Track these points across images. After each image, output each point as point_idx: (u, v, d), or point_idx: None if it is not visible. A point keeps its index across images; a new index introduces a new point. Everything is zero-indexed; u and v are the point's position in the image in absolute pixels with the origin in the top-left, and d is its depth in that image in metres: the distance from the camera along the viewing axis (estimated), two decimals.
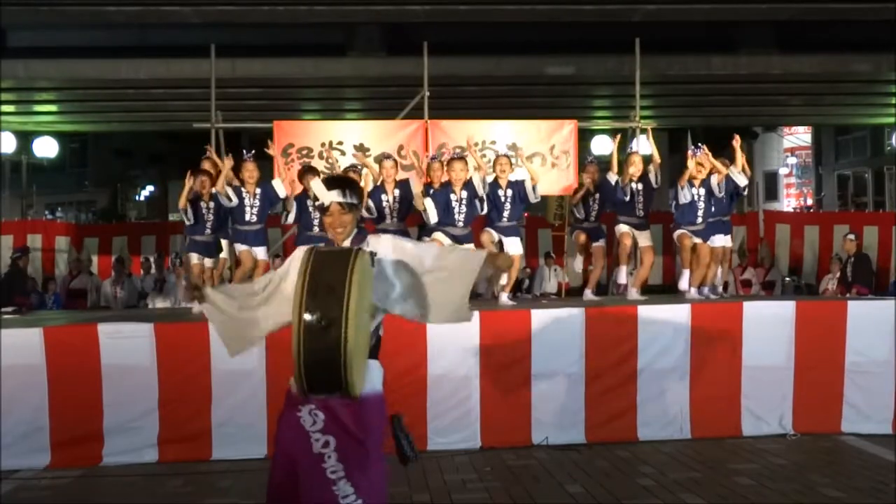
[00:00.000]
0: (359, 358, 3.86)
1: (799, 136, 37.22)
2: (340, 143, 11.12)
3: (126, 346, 7.79)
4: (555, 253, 16.23)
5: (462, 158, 9.62)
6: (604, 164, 10.74)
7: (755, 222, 18.75)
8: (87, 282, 16.73)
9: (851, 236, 14.35)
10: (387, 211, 9.60)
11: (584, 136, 11.87)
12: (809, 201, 35.95)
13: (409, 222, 10.53)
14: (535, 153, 11.21)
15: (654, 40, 14.22)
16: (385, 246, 4.31)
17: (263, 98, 19.16)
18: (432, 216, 9.32)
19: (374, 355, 4.26)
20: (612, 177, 10.24)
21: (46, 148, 25.81)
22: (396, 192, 9.64)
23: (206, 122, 12.01)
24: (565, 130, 11.44)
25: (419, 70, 11.91)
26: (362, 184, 9.46)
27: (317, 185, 4.34)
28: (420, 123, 11.30)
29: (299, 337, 3.75)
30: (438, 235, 9.34)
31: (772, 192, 36.41)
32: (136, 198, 43.90)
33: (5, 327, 7.87)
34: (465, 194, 9.37)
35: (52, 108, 21.52)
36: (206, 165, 9.92)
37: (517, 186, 9.65)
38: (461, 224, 9.41)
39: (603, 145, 22.69)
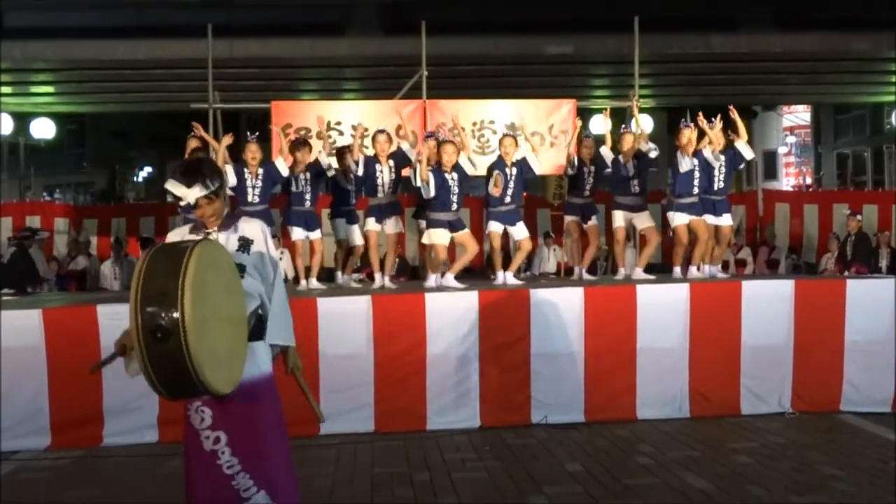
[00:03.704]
0: (212, 360, 3.60)
1: (798, 115, 37.12)
2: (339, 123, 11.11)
3: (125, 327, 7.77)
4: (554, 233, 16.22)
5: (453, 142, 9.69)
6: (600, 142, 10.72)
7: (754, 201, 18.73)
8: (85, 263, 16.73)
9: (859, 216, 14.34)
10: (380, 183, 9.65)
11: (582, 115, 11.83)
12: (808, 180, 35.90)
13: (406, 202, 10.51)
14: (534, 132, 11.19)
15: (654, 19, 14.16)
16: (255, 230, 4.31)
17: (261, 78, 19.08)
18: (433, 189, 9.34)
19: (259, 336, 4.19)
20: (607, 152, 10.25)
21: (44, 129, 25.72)
22: (391, 162, 9.70)
23: (203, 103, 11.99)
24: (564, 110, 11.45)
25: (417, 49, 11.88)
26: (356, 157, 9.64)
27: (173, 186, 4.21)
28: (418, 103, 11.29)
29: (142, 350, 3.52)
30: (438, 234, 9.41)
31: (771, 171, 36.30)
32: (135, 179, 43.86)
33: (4, 309, 7.87)
34: (455, 176, 9.43)
35: (50, 89, 21.44)
36: (193, 144, 9.85)
37: (522, 164, 9.66)
38: (455, 207, 9.49)
39: (602, 125, 22.67)
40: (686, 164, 9.66)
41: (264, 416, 4.14)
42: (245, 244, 4.26)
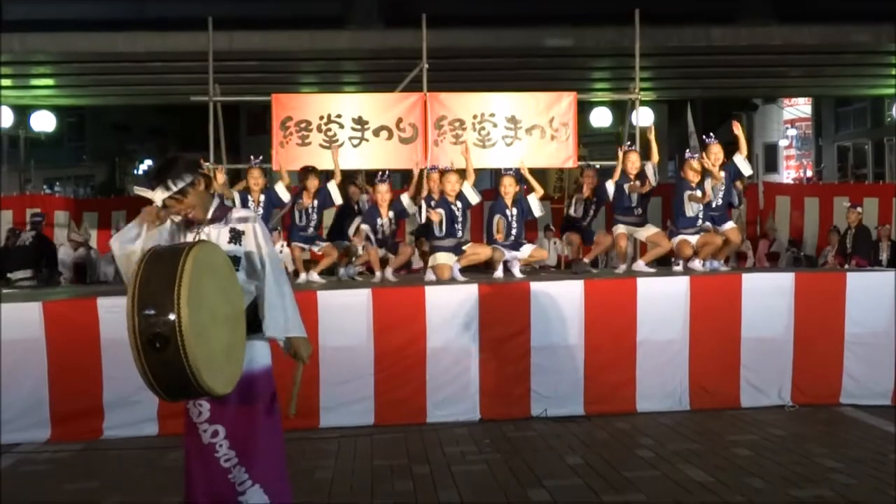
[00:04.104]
0: (210, 363, 3.60)
1: (799, 108, 37.14)
2: (339, 115, 11.10)
3: (125, 319, 7.76)
4: (554, 226, 16.20)
5: (456, 171, 9.80)
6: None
7: (754, 194, 18.70)
8: (85, 256, 16.71)
9: (859, 209, 14.32)
10: (380, 234, 9.75)
11: (583, 109, 11.85)
12: (809, 173, 35.92)
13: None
14: (535, 125, 11.21)
15: (654, 12, 14.14)
16: (247, 222, 4.26)
17: (261, 71, 19.08)
18: (444, 225, 9.48)
19: (256, 330, 4.14)
20: (610, 186, 10.22)
21: (44, 122, 25.73)
22: (391, 214, 9.85)
23: (203, 96, 11.99)
24: (564, 102, 11.44)
25: (418, 42, 11.87)
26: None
27: (141, 191, 4.15)
28: (419, 96, 11.29)
29: (140, 358, 3.52)
30: (443, 256, 9.41)
31: (771, 164, 36.35)
32: (135, 172, 43.84)
33: (5, 301, 7.87)
34: (459, 205, 9.59)
35: (50, 81, 21.44)
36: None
37: (522, 203, 9.74)
38: (460, 235, 9.64)
39: (602, 118, 22.67)
40: (693, 209, 9.65)
41: (260, 410, 4.15)
42: (236, 236, 4.22)
